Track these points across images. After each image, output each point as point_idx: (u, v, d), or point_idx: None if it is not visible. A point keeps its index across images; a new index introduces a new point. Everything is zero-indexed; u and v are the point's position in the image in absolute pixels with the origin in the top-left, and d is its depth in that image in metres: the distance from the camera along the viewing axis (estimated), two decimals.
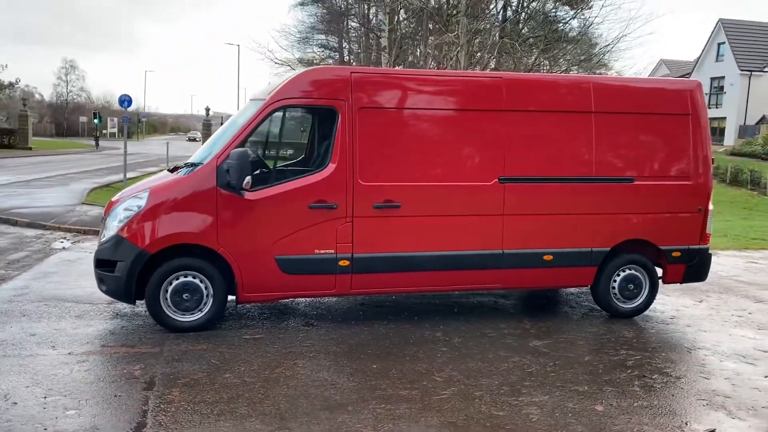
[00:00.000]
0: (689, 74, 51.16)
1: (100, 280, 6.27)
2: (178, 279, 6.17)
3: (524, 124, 6.83)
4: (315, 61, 41.01)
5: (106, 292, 6.28)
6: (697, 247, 7.31)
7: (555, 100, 6.96)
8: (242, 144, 6.20)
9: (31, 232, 12.09)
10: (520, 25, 25.31)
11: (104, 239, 6.24)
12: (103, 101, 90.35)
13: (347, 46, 40.72)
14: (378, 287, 6.72)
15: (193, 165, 6.38)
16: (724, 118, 47.32)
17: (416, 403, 4.84)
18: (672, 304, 8.07)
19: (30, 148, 45.87)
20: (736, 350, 6.32)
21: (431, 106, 6.66)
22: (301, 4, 36.92)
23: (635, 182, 7.07)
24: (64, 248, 10.60)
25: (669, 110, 7.20)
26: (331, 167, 6.36)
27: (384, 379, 5.28)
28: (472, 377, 5.39)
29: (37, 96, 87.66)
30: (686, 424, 4.63)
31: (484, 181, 6.71)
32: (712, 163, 7.37)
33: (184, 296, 6.17)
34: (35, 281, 8.19)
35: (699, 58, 50.22)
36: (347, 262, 6.43)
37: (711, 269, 10.18)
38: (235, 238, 6.17)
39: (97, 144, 54.83)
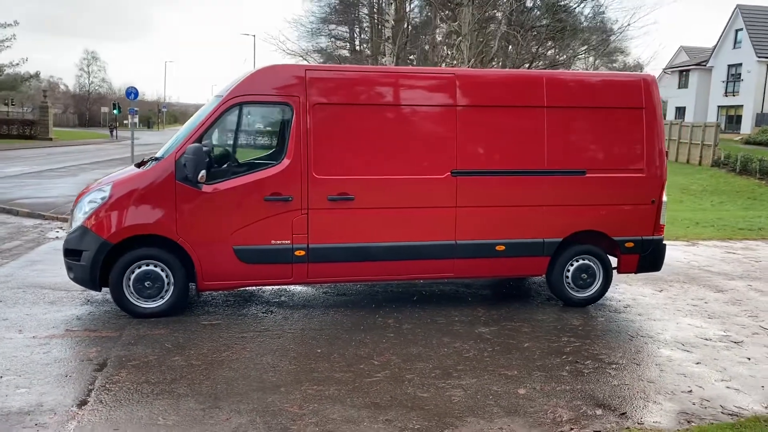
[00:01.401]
0: (706, 61, 50.52)
1: (69, 268, 6.65)
2: (140, 267, 6.52)
3: (477, 119, 7.05)
4: (327, 51, 41.34)
5: (74, 280, 6.65)
6: (650, 238, 7.49)
7: (508, 95, 7.16)
8: (200, 139, 6.51)
9: (29, 222, 12.59)
10: (524, 15, 25.25)
11: (72, 230, 6.60)
12: (125, 92, 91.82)
13: (359, 36, 40.96)
14: (334, 276, 7.01)
15: (158, 159, 6.70)
16: (741, 106, 46.65)
17: (347, 384, 5.13)
18: (631, 293, 8.25)
19: (50, 139, 46.95)
20: (677, 338, 6.51)
21: (385, 101, 6.91)
22: None
23: (587, 174, 7.26)
24: (57, 237, 11.03)
25: (622, 104, 7.37)
26: (286, 161, 6.65)
27: (324, 362, 5.58)
28: (409, 361, 5.67)
29: (62, 87, 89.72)
30: (600, 406, 4.87)
31: (436, 174, 6.95)
32: (666, 156, 7.52)
33: (146, 284, 6.52)
34: (21, 269, 8.62)
35: (716, 44, 49.49)
36: (303, 252, 6.72)
37: (683, 259, 10.39)
38: (194, 229, 6.50)
39: (113, 134, 55.78)
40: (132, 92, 21.80)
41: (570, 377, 5.42)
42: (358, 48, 39.97)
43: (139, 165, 7.04)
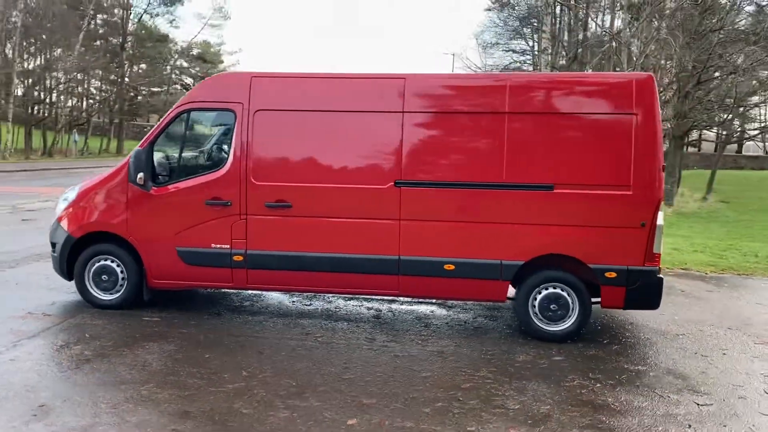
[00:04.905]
0: None
1: (51, 259, 7.42)
2: (99, 262, 7.06)
3: (426, 126, 6.53)
4: (508, 66, 40.68)
5: (54, 269, 7.40)
6: (639, 268, 6.25)
7: (462, 101, 6.53)
8: (151, 144, 6.88)
9: None
10: (692, 20, 22.34)
11: (52, 223, 7.38)
12: None
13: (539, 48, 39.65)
14: (273, 284, 6.94)
15: None
16: None
17: (185, 391, 5.05)
18: (635, 332, 6.91)
19: None
20: (617, 392, 5.29)
21: (327, 107, 6.68)
22: (488, 9, 36.85)
23: (555, 190, 6.30)
24: None
25: (606, 109, 6.30)
26: (226, 166, 6.76)
27: (194, 368, 5.53)
28: (278, 376, 5.42)
29: None
30: None
31: (378, 184, 6.55)
32: (663, 170, 6.24)
33: (102, 277, 7.05)
34: None
35: None
36: (241, 258, 6.76)
37: (763, 297, 8.48)
38: (142, 228, 6.89)
39: None
40: None
41: (428, 415, 4.77)
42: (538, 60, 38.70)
43: None
